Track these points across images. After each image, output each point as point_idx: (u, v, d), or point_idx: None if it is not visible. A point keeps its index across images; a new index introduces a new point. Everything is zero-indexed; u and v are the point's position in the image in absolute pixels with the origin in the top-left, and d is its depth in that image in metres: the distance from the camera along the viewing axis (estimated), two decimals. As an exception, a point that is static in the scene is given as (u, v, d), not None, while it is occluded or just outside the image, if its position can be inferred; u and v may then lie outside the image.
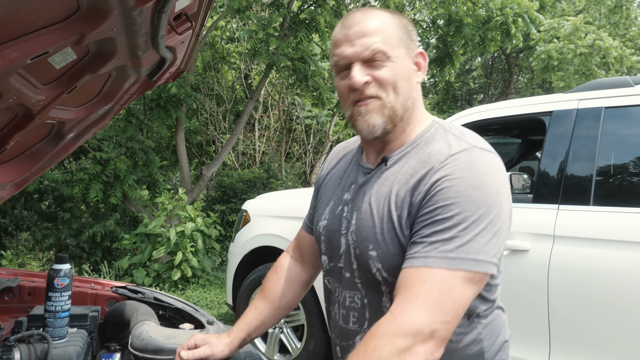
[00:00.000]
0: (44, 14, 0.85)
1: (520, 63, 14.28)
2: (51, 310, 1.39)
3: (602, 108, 2.25)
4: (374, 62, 0.99)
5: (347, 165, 1.18)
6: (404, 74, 1.01)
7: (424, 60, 1.06)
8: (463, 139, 0.99)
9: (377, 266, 1.00)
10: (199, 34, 1.42)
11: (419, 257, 0.90)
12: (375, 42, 0.98)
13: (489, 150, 0.99)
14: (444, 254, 0.88)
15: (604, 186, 2.23)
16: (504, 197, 0.94)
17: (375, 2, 9.23)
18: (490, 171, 0.94)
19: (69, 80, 1.22)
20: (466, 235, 0.89)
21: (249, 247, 3.45)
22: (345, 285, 1.08)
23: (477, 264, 0.89)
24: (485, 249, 0.90)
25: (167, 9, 1.00)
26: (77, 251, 6.59)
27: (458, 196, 0.90)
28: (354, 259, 1.05)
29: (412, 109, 1.04)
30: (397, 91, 1.00)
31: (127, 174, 6.27)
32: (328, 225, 1.13)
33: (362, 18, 1.01)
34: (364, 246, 1.02)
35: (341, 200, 1.12)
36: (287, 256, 1.33)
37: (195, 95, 6.73)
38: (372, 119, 1.01)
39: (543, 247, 2.20)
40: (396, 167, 1.03)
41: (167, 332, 1.41)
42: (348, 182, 1.13)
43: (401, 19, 1.05)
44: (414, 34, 1.06)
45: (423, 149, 1.01)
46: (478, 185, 0.91)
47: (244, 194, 8.08)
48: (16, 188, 1.66)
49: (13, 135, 1.30)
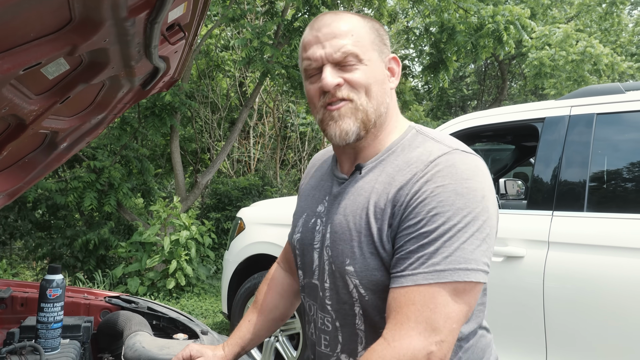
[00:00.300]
0: (36, 25, 0.85)
1: (512, 70, 14.39)
2: (43, 321, 1.38)
3: (594, 114, 2.27)
4: (346, 65, 0.95)
5: (322, 175, 1.13)
6: (377, 78, 0.97)
7: (397, 66, 1.02)
8: (442, 143, 0.95)
9: (355, 282, 0.94)
10: (192, 44, 1.43)
11: (407, 276, 0.86)
12: (347, 43, 0.94)
13: (470, 153, 0.94)
14: (432, 267, 0.84)
15: (598, 192, 2.25)
16: (489, 201, 0.90)
17: (368, 10, 9.29)
18: (473, 175, 0.89)
19: (62, 91, 1.22)
20: (453, 245, 0.85)
21: (244, 255, 3.44)
22: (319, 306, 1.04)
23: (467, 273, 0.84)
24: (474, 257, 0.85)
25: (160, 20, 1.00)
26: (71, 260, 6.54)
27: (441, 205, 0.86)
28: (327, 276, 1.00)
29: (385, 115, 1.00)
30: (369, 95, 0.95)
31: (122, 182, 6.25)
32: (301, 239, 1.09)
33: (333, 20, 0.97)
34: (340, 261, 0.96)
35: (314, 212, 1.07)
36: (278, 267, 1.31)
37: (189, 103, 6.73)
38: (345, 123, 0.95)
39: (538, 254, 2.21)
40: (372, 175, 0.98)
41: (161, 342, 1.40)
42: (322, 192, 1.09)
43: (373, 23, 1.01)
44: (387, 39, 1.02)
45: (400, 155, 0.97)
46: (461, 192, 0.87)
47: (239, 202, 8.06)
48: (9, 198, 1.65)
49: (6, 145, 1.29)
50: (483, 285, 0.89)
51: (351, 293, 0.96)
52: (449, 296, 0.84)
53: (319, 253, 1.03)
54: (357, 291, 0.95)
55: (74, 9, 0.86)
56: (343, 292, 0.98)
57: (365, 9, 10.10)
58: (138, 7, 0.93)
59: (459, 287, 0.85)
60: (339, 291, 0.98)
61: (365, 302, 0.95)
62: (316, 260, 1.04)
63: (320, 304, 1.03)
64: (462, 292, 0.85)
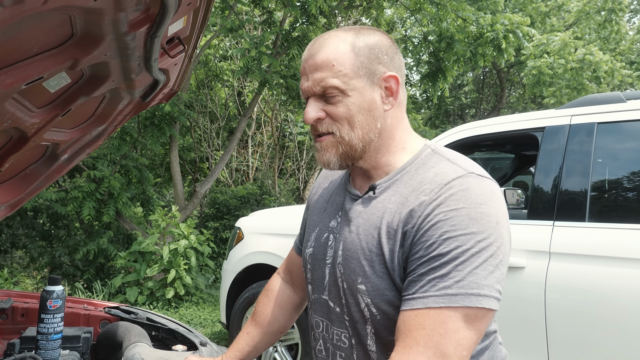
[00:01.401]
0: (39, 41, 0.87)
1: (511, 78, 14.46)
2: (43, 332, 1.38)
3: (594, 124, 2.27)
4: (328, 97, 0.94)
5: (334, 189, 1.12)
6: (363, 107, 0.94)
7: (396, 84, 0.97)
8: (458, 165, 0.93)
9: (366, 301, 0.94)
10: (192, 56, 1.45)
11: (418, 298, 0.84)
12: (326, 76, 0.93)
13: (486, 177, 0.92)
14: (443, 291, 0.83)
15: (599, 202, 2.23)
16: (503, 227, 0.88)
17: (366, 20, 9.36)
18: (488, 200, 0.87)
19: (63, 104, 1.24)
20: (465, 269, 0.83)
21: (242, 265, 3.44)
22: (334, 321, 1.02)
23: (479, 299, 0.82)
24: (487, 283, 0.83)
25: (160, 34, 1.02)
26: (70, 269, 6.53)
27: (454, 229, 0.84)
28: (342, 293, 0.99)
29: (378, 139, 0.97)
30: (353, 125, 0.94)
31: (121, 192, 6.26)
32: (313, 254, 1.08)
33: (318, 48, 0.95)
34: (352, 279, 0.96)
35: (327, 227, 1.06)
36: (278, 278, 1.29)
37: (188, 113, 6.76)
38: (325, 156, 0.97)
39: (539, 264, 2.19)
40: (385, 195, 0.97)
41: (160, 354, 1.40)
42: (335, 207, 1.08)
43: (367, 40, 0.96)
44: (386, 54, 0.97)
45: (414, 176, 0.95)
46: (475, 216, 0.85)
47: (237, 211, 8.06)
48: (10, 209, 1.66)
49: (8, 157, 1.31)
50: (494, 312, 0.87)
51: (363, 312, 0.96)
52: (460, 322, 0.82)
53: (330, 269, 1.02)
54: (369, 310, 0.94)
55: (76, 24, 0.87)
56: (355, 310, 0.97)
57: (363, 19, 10.18)
58: (138, 22, 0.95)
59: (471, 313, 0.83)
60: (351, 309, 0.98)
61: (376, 322, 0.94)
62: (327, 276, 1.03)
63: (336, 320, 1.02)
64: (473, 318, 0.83)
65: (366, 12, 7.85)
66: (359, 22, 10.76)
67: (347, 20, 10.14)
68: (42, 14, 0.74)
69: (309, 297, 1.11)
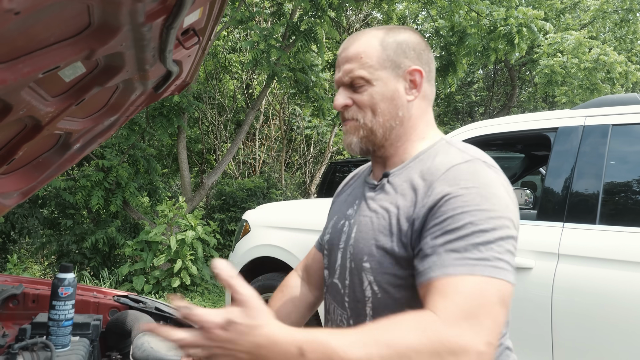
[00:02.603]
0: (56, 30, 0.87)
1: (522, 76, 14.33)
2: (55, 319, 1.40)
3: (609, 125, 2.24)
4: (356, 86, 1.03)
5: (357, 183, 1.19)
6: (386, 96, 1.02)
7: (420, 77, 1.04)
8: (466, 152, 0.98)
9: (369, 278, 0.98)
10: (206, 48, 1.45)
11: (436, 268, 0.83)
12: (354, 68, 1.02)
13: (493, 166, 0.96)
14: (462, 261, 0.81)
15: (611, 205, 2.20)
16: (512, 213, 0.89)
17: (377, 13, 9.30)
18: (495, 184, 0.90)
19: (77, 93, 1.24)
20: (483, 245, 0.83)
21: (248, 258, 3.46)
22: (339, 302, 1.07)
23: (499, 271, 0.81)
24: (504, 258, 0.83)
25: (177, 25, 1.02)
26: (78, 257, 6.60)
27: (467, 205, 0.86)
28: (347, 273, 1.04)
29: (400, 127, 1.04)
30: (375, 112, 1.02)
31: (129, 181, 6.30)
32: (330, 240, 1.13)
33: (350, 43, 1.05)
34: (359, 258, 1.01)
35: (345, 215, 1.12)
36: (295, 275, 1.30)
37: (197, 104, 6.76)
38: (348, 138, 1.07)
39: (547, 266, 2.17)
40: (398, 180, 1.02)
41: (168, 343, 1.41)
42: (354, 197, 1.14)
43: (396, 36, 1.04)
44: (412, 49, 1.04)
45: (426, 162, 1.00)
46: (486, 195, 0.87)
47: (243, 203, 8.09)
48: (22, 197, 1.68)
49: (22, 145, 1.32)
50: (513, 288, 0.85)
51: (364, 291, 0.99)
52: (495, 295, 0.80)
53: (342, 252, 1.07)
54: (371, 288, 0.98)
55: (93, 14, 0.87)
56: (358, 289, 1.01)
57: (374, 12, 10.11)
58: (155, 13, 0.95)
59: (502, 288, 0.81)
60: (355, 289, 1.02)
61: (377, 301, 0.98)
62: (339, 259, 1.08)
63: (339, 302, 1.06)
64: (504, 293, 0.81)
65: (377, 5, 7.79)
66: (369, 16, 10.70)
67: (357, 14, 10.09)
68: (62, 3, 0.74)
69: (325, 282, 1.14)
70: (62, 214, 7.02)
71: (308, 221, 3.17)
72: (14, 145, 1.31)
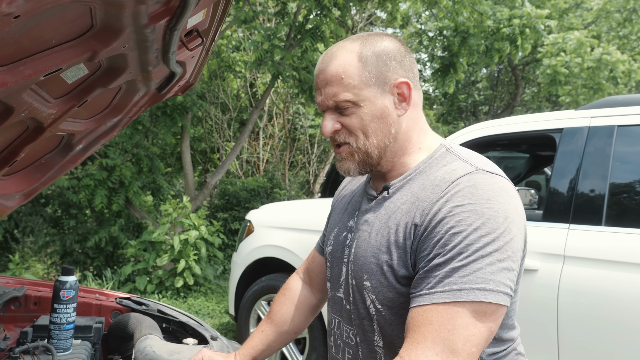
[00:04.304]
0: (58, 32, 0.86)
1: (526, 76, 14.27)
2: (56, 322, 1.39)
3: (614, 126, 2.22)
4: (342, 109, 0.97)
5: (356, 190, 1.15)
6: (375, 115, 0.97)
7: (407, 89, 0.98)
8: (468, 162, 0.94)
9: (371, 297, 0.96)
10: (210, 49, 1.43)
11: (425, 295, 0.85)
12: (337, 91, 0.96)
13: (497, 174, 0.92)
14: (448, 287, 0.82)
15: (617, 206, 2.19)
16: (513, 222, 0.87)
17: (381, 12, 9.27)
18: (495, 195, 0.87)
19: (80, 95, 1.23)
20: (470, 265, 0.82)
21: (252, 258, 3.44)
22: (345, 318, 1.04)
23: (485, 294, 0.81)
24: (494, 278, 0.82)
25: (180, 27, 1.00)
26: (81, 256, 6.60)
27: (459, 225, 0.85)
28: (351, 290, 1.02)
29: (394, 143, 1.00)
30: (367, 134, 0.97)
31: (132, 181, 6.29)
32: (332, 252, 1.11)
33: (327, 62, 0.98)
34: (359, 276, 0.98)
35: (346, 226, 1.09)
36: (297, 278, 1.30)
37: (201, 103, 6.75)
38: (345, 165, 1.02)
39: (553, 267, 2.16)
40: (398, 195, 0.99)
41: (171, 347, 1.40)
42: (354, 207, 1.10)
43: (374, 48, 0.97)
44: (392, 59, 0.97)
45: (427, 175, 0.96)
46: (481, 212, 0.85)
47: (247, 203, 8.08)
48: (25, 198, 1.67)
49: (24, 147, 1.31)
50: (505, 308, 0.86)
51: (369, 309, 0.97)
52: (468, 318, 0.81)
53: (346, 267, 1.04)
54: (374, 307, 0.96)
55: (96, 16, 0.86)
56: (362, 307, 0.99)
57: (378, 12, 10.08)
58: (158, 15, 0.93)
59: (480, 309, 0.82)
60: (359, 306, 1.00)
61: (382, 319, 0.96)
62: (343, 273, 1.05)
63: (346, 317, 1.04)
64: (482, 314, 0.82)
65: (381, 5, 7.76)
66: (373, 15, 10.67)
67: (360, 14, 10.06)
68: (64, 5, 0.73)
69: (328, 294, 1.13)
70: (65, 213, 7.02)
71: (312, 222, 3.16)
72: (16, 147, 1.30)
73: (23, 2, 0.56)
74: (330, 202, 1.27)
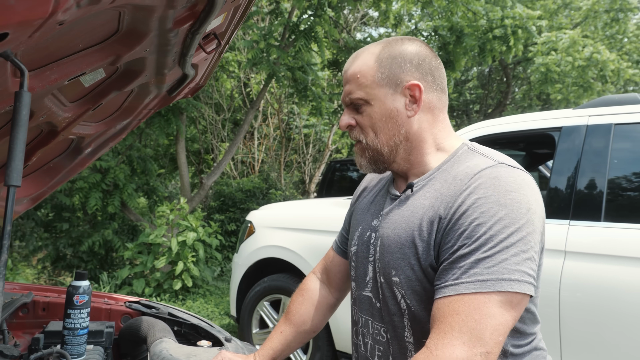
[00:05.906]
0: (85, 37, 0.85)
1: (517, 74, 14.39)
2: (70, 328, 1.38)
3: (611, 125, 2.28)
4: (357, 106, 1.03)
5: (378, 191, 1.17)
6: (385, 114, 1.01)
7: (418, 91, 1.00)
8: (490, 157, 0.96)
9: (401, 292, 0.97)
10: (223, 51, 1.43)
11: (450, 286, 0.86)
12: (352, 89, 1.02)
13: (518, 168, 0.95)
14: (474, 277, 0.84)
15: (615, 202, 2.24)
16: (535, 214, 0.89)
17: (374, 12, 9.28)
18: (517, 187, 0.89)
19: (95, 98, 1.22)
20: (495, 256, 0.84)
21: (253, 259, 3.43)
22: (376, 316, 1.06)
23: (511, 284, 0.83)
24: (519, 268, 0.84)
25: (202, 30, 1.00)
26: (74, 260, 6.53)
27: (483, 216, 0.86)
28: (380, 288, 1.03)
29: (405, 142, 1.02)
30: (376, 132, 1.02)
31: (127, 183, 6.25)
32: (357, 252, 1.12)
33: (351, 62, 1.05)
34: (387, 272, 1.00)
35: (370, 226, 1.11)
36: (314, 278, 1.31)
37: (196, 104, 6.71)
38: (358, 160, 1.08)
39: (554, 263, 2.20)
40: (421, 192, 1.00)
41: (187, 350, 1.39)
42: (377, 208, 1.12)
43: (392, 51, 1.01)
44: (408, 62, 1.01)
45: (449, 172, 0.98)
46: (504, 203, 0.86)
47: (242, 204, 8.06)
48: (32, 202, 1.65)
49: (36, 151, 1.30)
50: (529, 298, 0.88)
51: (399, 304, 0.99)
52: (495, 308, 0.83)
53: (372, 265, 1.06)
54: (405, 302, 0.98)
55: (123, 20, 0.86)
56: (392, 303, 1.00)
57: (371, 11, 10.09)
58: (183, 19, 0.93)
59: (506, 299, 0.83)
60: (389, 302, 1.01)
61: (412, 314, 0.97)
62: (370, 272, 1.07)
63: (376, 315, 1.05)
64: (508, 304, 0.84)
65: (375, 4, 7.77)
66: (366, 16, 10.68)
67: (354, 14, 10.07)
68: (98, 11, 0.72)
69: (352, 294, 1.14)
70: (58, 217, 6.94)
71: (313, 221, 3.16)
72: (29, 151, 1.29)
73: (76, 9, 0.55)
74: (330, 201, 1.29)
